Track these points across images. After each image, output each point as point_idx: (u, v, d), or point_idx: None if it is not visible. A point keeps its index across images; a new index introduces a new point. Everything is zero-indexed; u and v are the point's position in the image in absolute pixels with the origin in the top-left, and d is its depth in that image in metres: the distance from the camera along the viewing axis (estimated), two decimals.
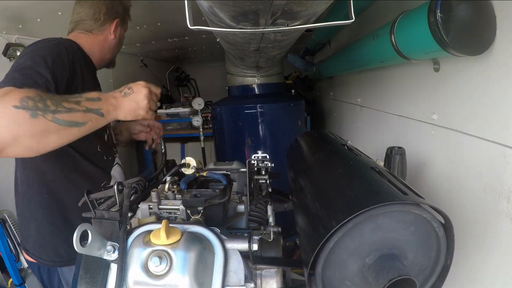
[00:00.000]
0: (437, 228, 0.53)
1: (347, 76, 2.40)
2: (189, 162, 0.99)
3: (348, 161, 0.75)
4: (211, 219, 0.72)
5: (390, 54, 1.14)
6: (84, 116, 0.88)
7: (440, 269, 0.56)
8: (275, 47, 1.31)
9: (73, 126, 0.86)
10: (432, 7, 0.81)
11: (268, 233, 0.69)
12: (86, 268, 0.62)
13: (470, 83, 0.92)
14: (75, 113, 0.86)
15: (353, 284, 0.55)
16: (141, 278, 0.57)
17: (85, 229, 0.56)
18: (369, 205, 0.49)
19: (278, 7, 0.63)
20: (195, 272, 0.58)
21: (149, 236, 0.60)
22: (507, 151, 0.78)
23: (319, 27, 0.78)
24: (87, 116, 0.89)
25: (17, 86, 0.83)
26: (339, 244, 0.52)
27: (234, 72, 2.57)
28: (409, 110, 1.32)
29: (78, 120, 0.87)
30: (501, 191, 0.80)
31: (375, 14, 1.63)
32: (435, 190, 1.11)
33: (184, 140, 3.76)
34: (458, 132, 0.97)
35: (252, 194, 0.79)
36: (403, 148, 0.88)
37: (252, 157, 0.87)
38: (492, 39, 0.80)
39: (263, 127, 2.50)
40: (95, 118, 0.91)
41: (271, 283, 0.70)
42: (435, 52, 0.88)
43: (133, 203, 0.77)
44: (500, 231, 0.81)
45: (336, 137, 1.02)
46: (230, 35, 1.11)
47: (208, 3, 0.65)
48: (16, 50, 1.99)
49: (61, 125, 0.83)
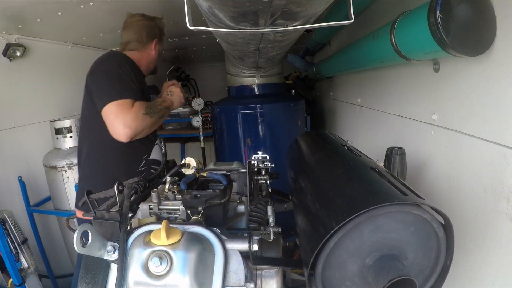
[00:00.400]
0: (437, 229, 0.53)
1: (347, 76, 2.40)
2: (189, 162, 0.99)
3: (348, 161, 0.75)
4: (211, 219, 0.72)
5: (390, 54, 1.14)
6: (165, 111, 1.47)
7: (440, 269, 0.56)
8: (275, 48, 1.31)
9: (161, 118, 1.45)
10: (432, 8, 0.81)
11: (268, 233, 0.69)
12: (86, 268, 0.62)
13: (470, 83, 0.92)
14: (161, 111, 1.43)
15: (353, 285, 0.55)
16: (142, 278, 0.57)
17: (86, 229, 0.56)
18: (369, 205, 0.49)
19: (278, 7, 0.63)
20: (195, 272, 0.58)
21: (149, 237, 0.60)
22: (507, 151, 0.78)
23: (319, 27, 0.78)
24: (165, 111, 1.47)
25: (133, 99, 1.31)
26: (339, 244, 0.52)
27: (234, 72, 2.58)
28: (409, 110, 1.32)
29: (164, 115, 1.46)
30: (501, 191, 0.80)
31: (375, 14, 1.63)
32: (435, 191, 1.11)
33: (184, 140, 3.76)
34: (458, 133, 0.97)
35: (252, 195, 0.79)
36: (403, 148, 0.88)
37: (252, 158, 0.87)
38: (492, 39, 0.80)
39: (263, 127, 2.50)
40: (167, 112, 1.50)
41: (271, 283, 0.70)
42: (435, 53, 0.88)
43: (133, 203, 0.77)
44: (500, 231, 0.81)
45: (336, 137, 1.02)
46: (229, 36, 1.11)
47: (207, 4, 0.65)
48: (16, 50, 1.99)
49: (159, 119, 1.42)
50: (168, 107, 1.51)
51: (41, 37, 2.15)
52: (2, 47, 1.91)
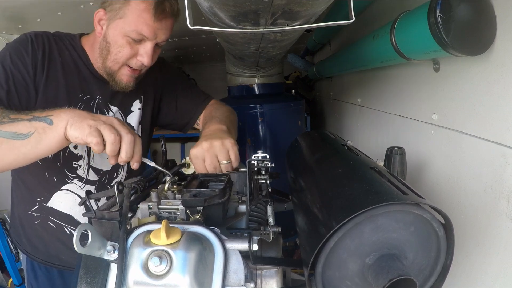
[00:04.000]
0: (437, 228, 0.53)
1: (347, 76, 2.40)
2: (189, 162, 0.99)
3: (348, 161, 0.75)
4: (210, 219, 0.72)
5: (390, 54, 1.14)
6: (29, 125, 0.80)
7: (440, 269, 0.56)
8: (275, 47, 1.31)
9: (14, 138, 0.79)
10: (432, 7, 0.81)
11: (267, 233, 0.69)
12: (86, 268, 0.62)
13: (470, 83, 0.92)
14: (19, 122, 0.81)
15: (353, 284, 0.55)
16: (141, 278, 0.57)
17: (85, 229, 0.56)
18: (369, 205, 0.49)
19: (278, 7, 0.63)
20: (195, 272, 0.58)
21: (149, 236, 0.60)
22: (507, 151, 0.78)
23: (319, 27, 0.78)
24: (32, 125, 0.80)
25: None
26: (339, 244, 0.52)
27: (234, 72, 2.57)
28: (409, 110, 1.32)
29: (21, 131, 0.80)
30: (501, 191, 0.80)
31: (375, 14, 1.63)
32: (435, 190, 1.11)
33: (184, 140, 3.76)
34: (458, 132, 0.97)
35: (252, 194, 0.79)
36: (403, 148, 0.88)
37: (252, 157, 0.87)
38: (492, 39, 0.80)
39: (263, 127, 2.50)
40: (42, 127, 0.80)
41: (271, 283, 0.70)
42: (435, 52, 0.88)
43: (133, 203, 0.77)
44: (500, 231, 0.81)
45: (336, 137, 1.02)
46: (230, 35, 1.11)
47: (208, 3, 0.65)
48: None
49: (1, 137, 0.79)
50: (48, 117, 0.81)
51: None
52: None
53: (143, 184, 0.82)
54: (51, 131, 0.81)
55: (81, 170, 1.16)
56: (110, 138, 0.79)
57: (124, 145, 0.81)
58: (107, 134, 0.79)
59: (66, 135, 0.81)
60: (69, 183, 1.15)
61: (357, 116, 2.17)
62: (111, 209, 0.71)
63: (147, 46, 1.07)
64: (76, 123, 0.79)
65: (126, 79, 1.13)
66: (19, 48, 1.04)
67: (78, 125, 0.79)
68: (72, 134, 0.80)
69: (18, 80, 1.00)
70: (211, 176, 0.86)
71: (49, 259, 1.22)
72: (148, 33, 1.04)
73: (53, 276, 1.24)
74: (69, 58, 1.13)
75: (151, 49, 1.08)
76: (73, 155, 1.14)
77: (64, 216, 1.16)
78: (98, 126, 0.79)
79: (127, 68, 1.11)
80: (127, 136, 0.81)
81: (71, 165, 1.14)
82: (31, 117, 0.82)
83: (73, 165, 1.14)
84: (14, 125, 0.81)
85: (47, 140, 0.81)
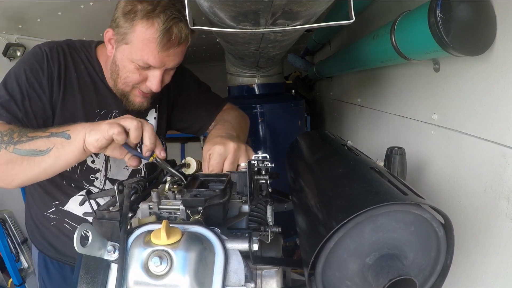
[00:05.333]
0: (437, 228, 0.53)
1: (347, 76, 2.40)
2: (189, 162, 0.99)
3: (348, 161, 0.75)
4: (211, 219, 0.72)
5: (390, 54, 1.14)
6: (47, 142, 0.83)
7: (440, 269, 0.56)
8: (275, 47, 1.32)
9: (34, 155, 0.82)
10: (432, 7, 0.81)
11: (266, 234, 0.69)
12: (86, 268, 0.62)
13: (470, 83, 0.92)
14: (37, 140, 0.83)
15: (353, 284, 0.55)
16: (142, 278, 0.57)
17: (86, 229, 0.56)
18: (369, 205, 0.49)
19: (279, 7, 0.63)
20: (196, 272, 0.58)
21: (149, 236, 0.60)
22: (507, 151, 0.78)
23: (319, 27, 0.78)
24: (50, 141, 0.83)
25: None
26: (339, 244, 0.52)
27: (234, 72, 2.57)
28: (409, 110, 1.32)
29: (41, 148, 0.83)
30: (501, 191, 0.80)
31: (375, 14, 1.63)
32: (435, 190, 1.11)
33: (184, 140, 3.76)
34: (458, 132, 0.97)
35: (252, 194, 0.79)
36: (403, 148, 0.88)
37: (252, 157, 0.87)
38: (492, 39, 0.80)
39: (263, 127, 2.50)
40: (60, 142, 0.83)
41: (271, 283, 0.70)
42: (435, 52, 0.88)
43: (133, 203, 0.77)
44: (500, 231, 0.81)
45: (336, 137, 1.02)
46: (230, 35, 1.11)
47: (208, 3, 0.65)
48: (16, 50, 2.00)
49: (23, 155, 0.82)
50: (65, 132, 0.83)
51: (41, 37, 2.14)
52: (2, 47, 1.92)
53: (144, 184, 0.82)
54: (69, 145, 0.83)
55: (98, 182, 1.17)
56: (133, 124, 0.80)
57: (147, 132, 0.82)
58: (128, 122, 0.80)
59: (85, 146, 0.82)
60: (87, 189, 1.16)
61: (357, 116, 2.17)
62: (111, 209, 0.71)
63: (155, 73, 1.03)
64: (94, 129, 0.81)
65: (138, 100, 1.11)
66: (34, 65, 1.02)
67: (96, 129, 0.80)
68: (92, 139, 0.80)
69: (34, 100, 1.00)
70: (211, 177, 0.86)
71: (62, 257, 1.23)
72: (154, 63, 1.00)
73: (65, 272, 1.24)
74: (85, 72, 1.10)
75: (159, 76, 1.04)
76: (91, 169, 1.14)
77: (80, 220, 1.15)
78: (117, 121, 0.81)
79: (138, 90, 1.09)
80: (147, 124, 0.83)
81: (89, 177, 1.15)
82: (48, 134, 0.84)
83: (90, 178, 1.15)
84: (33, 142, 0.83)
85: (66, 155, 0.83)
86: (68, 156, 0.84)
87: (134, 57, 1.00)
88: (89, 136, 0.81)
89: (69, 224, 1.18)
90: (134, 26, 0.97)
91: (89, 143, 0.81)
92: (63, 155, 0.83)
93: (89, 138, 0.80)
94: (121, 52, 1.02)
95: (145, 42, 0.97)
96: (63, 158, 0.84)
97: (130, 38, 0.98)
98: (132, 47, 0.99)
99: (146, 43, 0.97)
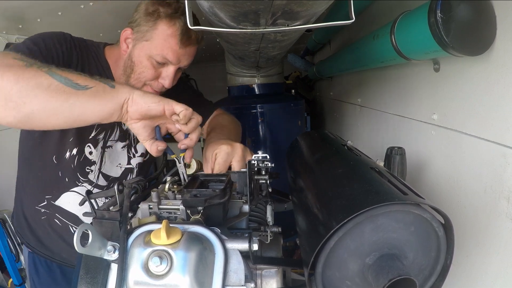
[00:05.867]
0: (437, 228, 0.53)
1: (347, 76, 2.40)
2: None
3: (348, 161, 0.75)
4: (211, 219, 0.72)
5: (390, 54, 1.14)
6: (88, 79, 0.74)
7: (440, 269, 0.56)
8: (275, 47, 1.31)
9: (68, 85, 0.70)
10: (432, 7, 0.81)
11: (266, 234, 0.69)
12: (86, 268, 0.62)
13: (470, 83, 0.92)
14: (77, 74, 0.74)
15: (353, 284, 0.55)
16: (142, 278, 0.57)
17: (86, 229, 0.56)
18: (369, 205, 0.49)
19: (279, 7, 0.63)
20: (196, 272, 0.58)
21: (149, 236, 0.60)
22: (507, 151, 0.78)
23: (319, 27, 0.78)
24: (92, 81, 0.74)
25: None
26: (339, 244, 0.52)
27: (234, 72, 2.57)
28: (409, 110, 1.32)
29: (79, 81, 0.71)
30: (501, 191, 0.80)
31: (375, 14, 1.64)
32: (435, 190, 1.11)
33: None
34: (458, 132, 0.97)
35: (252, 194, 0.79)
36: (403, 148, 0.88)
37: (252, 157, 0.88)
38: (492, 39, 0.80)
39: (263, 127, 2.50)
40: (102, 87, 0.74)
41: (271, 283, 0.70)
42: (435, 52, 0.88)
43: (133, 203, 0.77)
44: (500, 231, 0.81)
45: (336, 137, 1.02)
46: (230, 35, 1.11)
47: (208, 3, 0.65)
48: None
49: (55, 79, 0.69)
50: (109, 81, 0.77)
51: None
52: (2, 47, 1.91)
53: (143, 184, 0.82)
54: (110, 94, 0.75)
55: (92, 175, 1.19)
56: (183, 106, 0.81)
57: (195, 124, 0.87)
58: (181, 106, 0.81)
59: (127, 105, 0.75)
60: (79, 186, 1.17)
61: (357, 116, 2.17)
62: (111, 209, 0.71)
63: (169, 70, 1.09)
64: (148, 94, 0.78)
65: None
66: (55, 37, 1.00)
67: (151, 95, 0.79)
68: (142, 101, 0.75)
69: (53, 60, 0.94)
70: (211, 176, 0.86)
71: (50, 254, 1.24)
72: (172, 58, 1.06)
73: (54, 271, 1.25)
74: (95, 68, 1.12)
75: (173, 73, 1.10)
76: (88, 160, 1.16)
77: (71, 216, 1.18)
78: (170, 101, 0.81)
79: (149, 87, 1.12)
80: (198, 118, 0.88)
81: (84, 169, 1.17)
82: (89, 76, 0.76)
83: (86, 170, 1.17)
84: (71, 74, 0.73)
85: (100, 101, 0.74)
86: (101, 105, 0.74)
87: (153, 52, 1.05)
88: (140, 98, 0.76)
89: (59, 220, 1.18)
90: (157, 24, 1.04)
91: (137, 103, 0.75)
92: (97, 101, 0.73)
93: (140, 99, 0.76)
94: (140, 48, 1.07)
95: (166, 38, 1.04)
96: (96, 103, 0.73)
97: (151, 35, 1.05)
98: (152, 43, 1.05)
99: (167, 39, 1.04)
